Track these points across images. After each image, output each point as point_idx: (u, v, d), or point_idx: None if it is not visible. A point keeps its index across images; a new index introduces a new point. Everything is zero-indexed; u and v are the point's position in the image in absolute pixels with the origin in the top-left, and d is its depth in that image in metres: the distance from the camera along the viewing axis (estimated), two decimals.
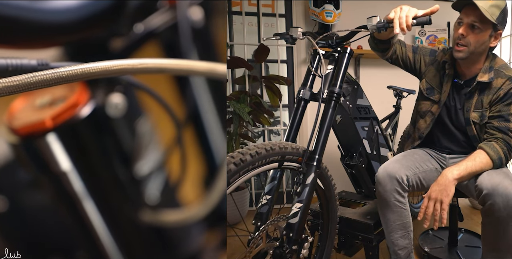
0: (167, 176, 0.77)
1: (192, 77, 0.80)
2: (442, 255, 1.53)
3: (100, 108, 0.62)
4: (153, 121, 0.74)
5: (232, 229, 1.57)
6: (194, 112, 0.83)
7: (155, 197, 0.74)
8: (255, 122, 2.16)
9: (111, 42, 0.65)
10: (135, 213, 0.71)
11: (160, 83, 0.79)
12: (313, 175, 1.01)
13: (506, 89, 1.18)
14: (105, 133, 0.64)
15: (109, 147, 0.66)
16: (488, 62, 1.22)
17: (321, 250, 1.27)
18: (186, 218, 0.73)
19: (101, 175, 0.66)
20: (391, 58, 1.34)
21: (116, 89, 0.64)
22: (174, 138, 0.70)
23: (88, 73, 0.45)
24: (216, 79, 0.67)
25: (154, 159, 0.74)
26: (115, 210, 0.69)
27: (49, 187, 0.64)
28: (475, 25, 1.13)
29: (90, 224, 0.67)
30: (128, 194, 0.70)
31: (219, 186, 0.73)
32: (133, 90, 0.68)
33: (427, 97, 1.34)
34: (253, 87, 2.34)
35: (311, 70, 1.14)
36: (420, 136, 1.36)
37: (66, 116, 0.59)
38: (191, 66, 0.53)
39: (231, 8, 2.34)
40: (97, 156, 0.65)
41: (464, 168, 1.10)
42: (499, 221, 1.06)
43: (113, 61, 0.46)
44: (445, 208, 1.05)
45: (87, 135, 0.62)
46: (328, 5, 2.27)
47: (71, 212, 0.66)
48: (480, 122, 1.22)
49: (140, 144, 0.70)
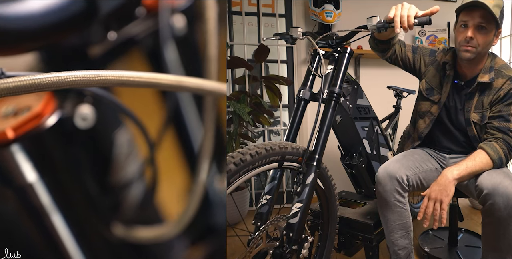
0: (145, 188, 0.74)
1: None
2: (442, 255, 1.53)
3: (68, 118, 0.61)
4: (133, 132, 0.71)
5: (232, 229, 1.57)
6: (176, 113, 0.80)
7: (130, 211, 0.71)
8: (255, 122, 2.16)
9: (89, 49, 0.64)
10: (107, 228, 0.68)
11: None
12: (313, 175, 1.01)
13: (506, 89, 1.18)
14: (74, 145, 0.62)
15: (79, 159, 0.63)
16: (489, 62, 1.22)
17: (321, 250, 1.27)
18: (161, 234, 0.70)
19: (70, 187, 0.63)
20: (391, 58, 1.34)
21: (86, 99, 0.62)
22: (146, 158, 0.68)
23: (37, 84, 0.41)
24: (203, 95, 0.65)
25: (132, 171, 0.71)
26: (85, 224, 0.66)
27: (13, 199, 0.61)
28: (483, 25, 1.13)
29: (58, 238, 0.63)
30: (99, 207, 0.67)
31: (195, 198, 0.69)
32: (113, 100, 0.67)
33: (426, 97, 1.34)
34: (253, 87, 2.34)
35: (311, 70, 1.14)
36: (420, 136, 1.36)
37: (29, 126, 0.57)
38: (157, 80, 0.48)
39: (231, 8, 2.34)
40: (66, 168, 0.62)
41: (464, 168, 1.10)
42: (499, 221, 1.05)
43: (67, 72, 0.43)
44: (445, 208, 1.05)
45: (54, 146, 0.60)
46: (328, 5, 2.27)
47: (38, 226, 0.63)
48: (480, 123, 1.22)
49: (117, 155, 0.68)
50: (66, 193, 0.63)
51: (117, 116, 0.68)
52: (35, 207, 0.61)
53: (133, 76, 0.46)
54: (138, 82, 0.47)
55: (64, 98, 0.61)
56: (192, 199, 0.68)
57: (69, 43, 0.61)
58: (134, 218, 0.71)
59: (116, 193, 0.70)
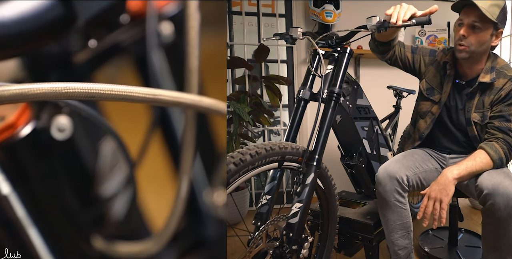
0: (130, 200, 0.71)
1: (161, 79, 0.74)
2: (442, 255, 1.53)
3: (44, 129, 0.59)
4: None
5: (232, 229, 1.57)
6: (162, 114, 0.77)
7: (113, 224, 0.69)
8: (255, 122, 2.16)
9: (72, 57, 0.62)
10: (87, 242, 0.65)
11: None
12: (313, 175, 1.01)
13: (507, 90, 1.18)
14: (51, 156, 0.60)
15: (56, 171, 0.61)
16: (490, 62, 1.22)
17: (321, 250, 1.27)
18: (144, 249, 0.67)
19: (46, 200, 0.61)
20: (390, 59, 1.34)
21: (63, 110, 0.60)
22: (127, 177, 0.66)
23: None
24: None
25: (117, 183, 0.69)
26: (63, 238, 0.64)
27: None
28: (476, 25, 1.13)
29: (34, 253, 0.61)
30: (79, 221, 0.65)
31: (176, 212, 0.64)
32: (97, 110, 0.64)
33: (427, 97, 1.34)
34: (253, 87, 2.34)
35: (311, 70, 1.14)
36: (421, 136, 1.36)
37: (3, 136, 0.56)
38: (130, 93, 0.45)
39: (231, 8, 2.34)
40: (42, 179, 0.60)
41: (464, 168, 1.10)
42: (499, 221, 1.05)
43: (32, 84, 0.40)
44: (445, 208, 1.05)
45: (28, 157, 0.58)
46: (328, 5, 2.27)
47: (13, 240, 0.60)
48: (481, 123, 1.22)
49: (101, 167, 0.66)
50: (42, 206, 0.61)
51: (100, 127, 0.66)
52: (10, 220, 0.58)
53: (104, 89, 0.43)
54: (109, 95, 0.44)
55: (41, 108, 0.59)
56: (173, 213, 0.66)
57: (50, 50, 0.60)
58: (117, 232, 0.69)
59: (98, 206, 0.68)
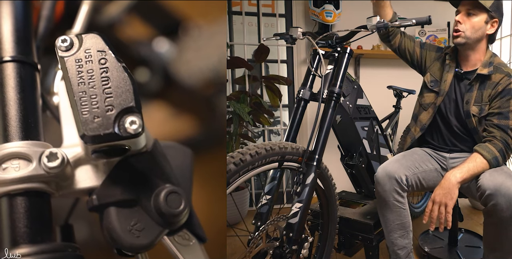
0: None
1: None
2: (442, 255, 1.53)
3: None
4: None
5: (232, 229, 1.57)
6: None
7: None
8: (255, 122, 2.16)
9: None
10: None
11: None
12: (313, 175, 1.01)
13: (504, 84, 1.21)
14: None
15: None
16: (488, 57, 1.26)
17: (321, 250, 1.27)
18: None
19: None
20: (399, 49, 1.38)
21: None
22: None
23: None
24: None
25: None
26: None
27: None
28: (470, 12, 1.21)
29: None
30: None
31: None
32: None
33: (431, 89, 1.36)
34: (253, 87, 2.34)
35: (311, 70, 1.14)
36: (422, 127, 1.37)
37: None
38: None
39: (231, 8, 2.34)
40: None
41: (466, 170, 1.12)
42: (501, 221, 1.06)
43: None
44: (450, 211, 1.08)
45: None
46: (328, 5, 2.27)
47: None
48: (479, 115, 1.25)
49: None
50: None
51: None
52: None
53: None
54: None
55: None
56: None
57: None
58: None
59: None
